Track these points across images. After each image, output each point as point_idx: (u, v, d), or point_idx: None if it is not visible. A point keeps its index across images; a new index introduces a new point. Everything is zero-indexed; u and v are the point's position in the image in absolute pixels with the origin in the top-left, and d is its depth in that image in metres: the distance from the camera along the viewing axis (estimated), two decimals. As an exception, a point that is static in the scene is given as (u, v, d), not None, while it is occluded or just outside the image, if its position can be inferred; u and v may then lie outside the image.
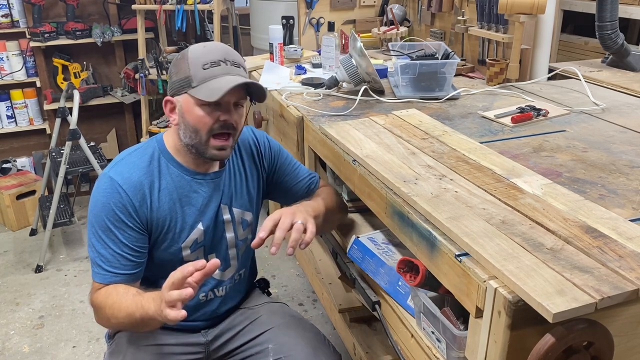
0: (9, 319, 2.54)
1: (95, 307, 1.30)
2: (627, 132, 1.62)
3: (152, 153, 1.34)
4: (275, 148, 1.53)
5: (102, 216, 1.28)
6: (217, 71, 1.24)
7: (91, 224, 1.30)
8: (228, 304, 1.51)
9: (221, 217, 1.40)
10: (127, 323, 1.24)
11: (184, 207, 1.34)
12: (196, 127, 1.27)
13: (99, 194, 1.29)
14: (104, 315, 1.27)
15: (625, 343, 0.97)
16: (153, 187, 1.31)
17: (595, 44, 2.56)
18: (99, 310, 1.29)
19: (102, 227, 1.28)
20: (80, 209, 3.56)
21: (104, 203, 1.28)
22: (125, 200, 1.28)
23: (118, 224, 1.28)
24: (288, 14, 2.86)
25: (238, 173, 1.45)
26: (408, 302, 1.30)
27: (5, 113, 3.56)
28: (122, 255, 1.28)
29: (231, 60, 1.27)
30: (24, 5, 3.41)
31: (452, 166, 1.34)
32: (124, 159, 1.34)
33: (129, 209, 1.28)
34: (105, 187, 1.29)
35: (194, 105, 1.25)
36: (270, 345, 1.44)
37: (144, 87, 3.45)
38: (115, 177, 1.29)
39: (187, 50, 1.28)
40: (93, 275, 1.30)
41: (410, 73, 1.96)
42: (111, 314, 1.25)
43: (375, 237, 1.48)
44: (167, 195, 1.32)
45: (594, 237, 1.02)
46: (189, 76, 1.24)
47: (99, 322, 1.33)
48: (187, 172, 1.35)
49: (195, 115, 1.26)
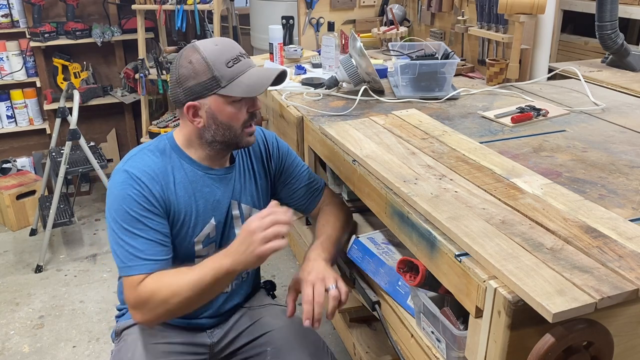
0: (9, 319, 2.54)
1: (143, 300, 1.23)
2: (627, 132, 1.62)
3: (164, 149, 1.35)
4: (283, 149, 1.54)
5: (124, 209, 1.25)
6: (242, 67, 1.28)
7: (114, 220, 1.27)
8: (233, 300, 1.52)
9: (231, 213, 1.42)
10: (193, 295, 1.20)
11: (198, 201, 1.35)
12: (230, 124, 1.30)
13: (116, 188, 1.27)
14: (160, 299, 1.21)
15: (625, 343, 0.97)
16: (169, 180, 1.31)
17: (595, 44, 2.56)
18: (152, 297, 1.22)
19: (127, 219, 1.25)
20: (80, 209, 3.56)
21: (124, 196, 1.26)
22: (145, 190, 1.27)
23: (143, 212, 1.26)
24: (288, 14, 2.86)
25: (247, 170, 1.46)
26: (408, 302, 1.30)
27: (5, 113, 3.56)
28: (155, 241, 1.26)
29: (244, 53, 1.31)
30: (24, 5, 3.41)
31: (452, 166, 1.34)
32: (136, 155, 1.33)
33: (150, 198, 1.27)
34: (122, 180, 1.27)
35: (224, 104, 1.28)
36: (268, 349, 1.44)
37: (144, 87, 3.45)
38: (130, 169, 1.28)
39: (197, 51, 1.26)
40: (128, 271, 1.24)
41: (410, 73, 1.96)
42: (171, 293, 1.20)
43: (375, 237, 1.48)
44: (182, 188, 1.33)
45: (594, 237, 1.02)
46: (215, 77, 1.25)
47: (146, 316, 1.24)
48: (199, 167, 1.36)
49: (228, 113, 1.29)
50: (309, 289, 1.27)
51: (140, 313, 1.25)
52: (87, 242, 3.20)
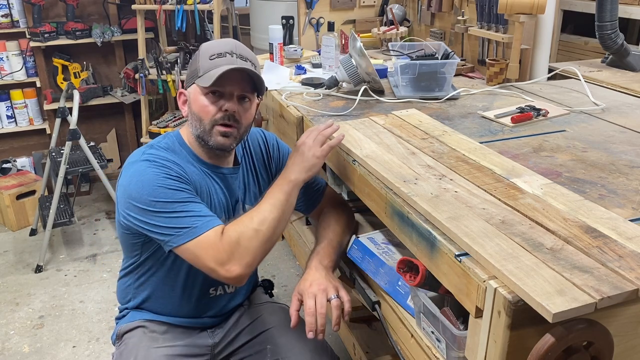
0: (9, 319, 2.54)
1: (234, 243, 1.18)
2: (626, 132, 1.62)
3: (172, 145, 1.36)
4: (284, 150, 1.54)
5: (161, 187, 1.21)
6: (221, 62, 1.28)
7: (150, 204, 1.20)
8: (236, 300, 1.53)
9: (236, 213, 1.42)
10: (277, 215, 1.23)
11: (209, 197, 1.36)
12: (200, 116, 1.30)
13: (141, 174, 1.23)
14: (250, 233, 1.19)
15: (625, 343, 0.97)
16: (186, 171, 1.30)
17: (595, 44, 2.56)
18: (241, 236, 1.19)
19: (168, 194, 1.21)
20: (80, 209, 3.57)
21: (154, 177, 1.22)
22: (173, 170, 1.25)
23: (181, 185, 1.23)
24: (288, 14, 2.86)
25: (250, 172, 1.47)
26: (408, 302, 1.30)
27: (5, 113, 3.56)
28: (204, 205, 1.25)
29: (238, 54, 1.30)
30: (24, 5, 3.41)
31: (452, 166, 1.34)
32: (148, 149, 1.33)
33: (181, 175, 1.26)
34: (146, 167, 1.24)
35: (199, 94, 1.30)
36: (268, 346, 1.45)
37: (144, 87, 3.45)
38: (150, 158, 1.27)
39: (202, 45, 1.33)
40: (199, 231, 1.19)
41: (410, 73, 1.96)
42: (258, 221, 1.20)
43: (375, 237, 1.48)
44: (197, 182, 1.33)
45: (594, 237, 1.02)
46: (197, 67, 1.30)
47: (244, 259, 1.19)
48: (205, 165, 1.37)
49: (200, 104, 1.30)
50: (310, 301, 1.27)
51: (236, 262, 1.19)
52: (87, 242, 3.20)
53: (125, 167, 1.30)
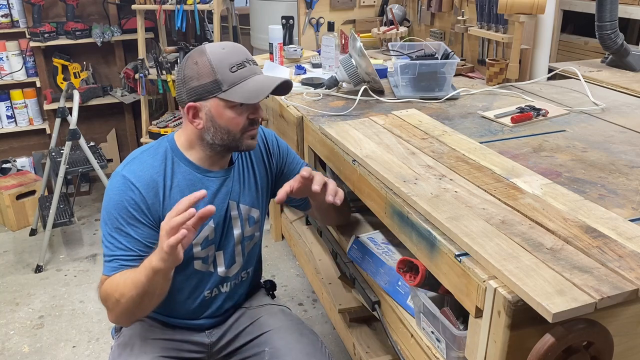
0: (9, 319, 2.54)
1: (103, 298, 1.30)
2: (626, 132, 1.63)
3: (164, 152, 1.36)
4: (283, 147, 1.54)
5: (114, 214, 1.29)
6: (245, 73, 1.28)
7: (104, 222, 1.32)
8: (232, 300, 1.52)
9: (229, 214, 1.42)
10: (136, 294, 1.22)
11: (197, 204, 1.35)
12: (228, 128, 1.31)
13: (112, 192, 1.31)
14: (113, 300, 1.26)
15: (625, 343, 0.97)
16: (165, 185, 1.33)
17: (595, 44, 2.56)
18: (108, 297, 1.27)
19: (115, 224, 1.30)
20: (80, 209, 3.56)
21: (117, 201, 1.30)
22: (138, 198, 1.30)
23: (131, 221, 1.30)
24: (288, 14, 2.86)
25: (246, 170, 1.47)
26: (408, 302, 1.30)
27: (5, 113, 3.56)
28: (133, 249, 1.30)
29: (251, 60, 1.31)
30: (24, 5, 3.40)
31: (451, 166, 1.34)
32: (136, 158, 1.36)
33: (142, 206, 1.30)
34: (118, 186, 1.31)
35: (224, 108, 1.29)
36: (266, 349, 1.44)
37: (144, 87, 3.45)
38: (128, 175, 1.31)
39: (204, 54, 1.27)
40: (104, 270, 1.31)
41: (410, 73, 1.96)
42: (120, 294, 1.24)
43: (375, 237, 1.48)
44: (179, 192, 1.33)
45: (594, 237, 1.02)
46: (217, 80, 1.26)
47: (111, 315, 1.31)
48: (198, 169, 1.37)
49: (227, 118, 1.29)
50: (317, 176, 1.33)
51: (107, 311, 1.32)
52: (87, 242, 3.20)
53: (113, 173, 1.35)
